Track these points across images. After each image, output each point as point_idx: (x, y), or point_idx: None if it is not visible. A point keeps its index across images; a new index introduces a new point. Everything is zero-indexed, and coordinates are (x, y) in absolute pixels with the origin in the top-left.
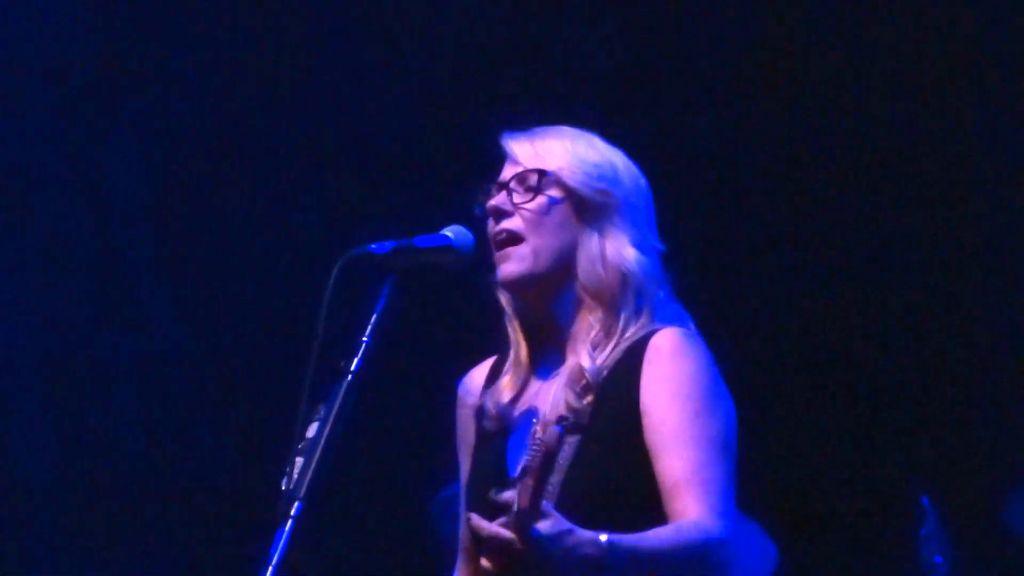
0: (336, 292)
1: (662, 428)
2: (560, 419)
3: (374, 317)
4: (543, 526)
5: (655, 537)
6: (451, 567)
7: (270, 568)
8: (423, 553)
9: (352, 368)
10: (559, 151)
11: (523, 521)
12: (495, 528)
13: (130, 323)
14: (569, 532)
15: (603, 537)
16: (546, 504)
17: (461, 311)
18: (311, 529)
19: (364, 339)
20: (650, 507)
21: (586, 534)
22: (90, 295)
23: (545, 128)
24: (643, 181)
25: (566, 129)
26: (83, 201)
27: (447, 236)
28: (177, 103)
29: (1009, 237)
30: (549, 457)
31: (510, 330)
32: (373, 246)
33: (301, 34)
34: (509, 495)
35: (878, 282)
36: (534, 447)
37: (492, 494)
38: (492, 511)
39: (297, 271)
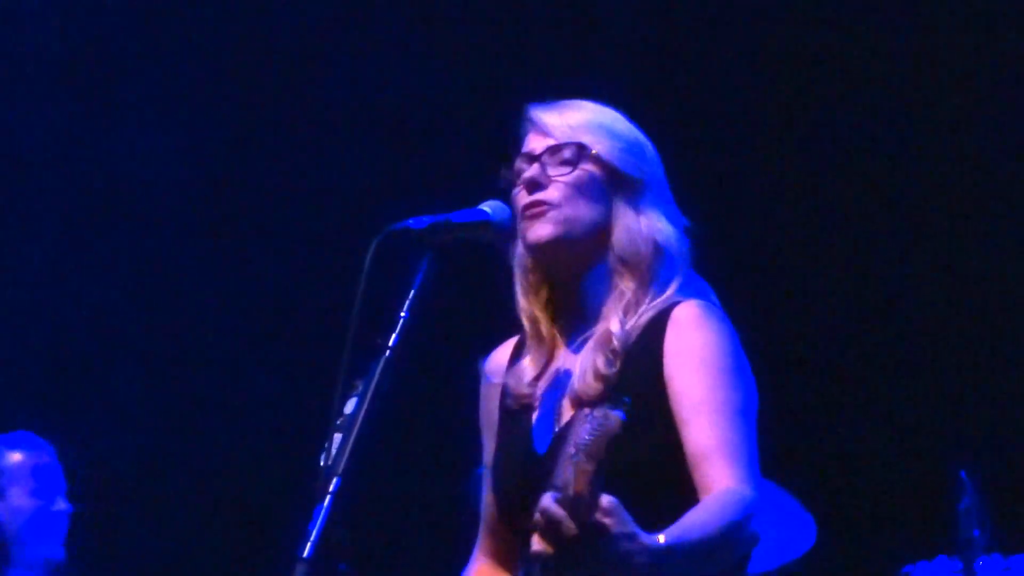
0: (374, 268)
1: (685, 398)
2: (619, 401)
3: (412, 292)
4: (610, 522)
5: (702, 525)
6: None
7: (309, 544)
8: (460, 528)
9: (390, 344)
10: (593, 126)
11: (579, 507)
12: (550, 504)
13: (168, 301)
14: (632, 536)
15: (661, 539)
16: (613, 500)
17: (499, 286)
18: (349, 504)
19: (402, 315)
20: (681, 475)
21: (645, 538)
22: (124, 272)
23: (570, 101)
24: (659, 159)
25: (592, 104)
26: (118, 175)
27: (485, 211)
28: (212, 79)
29: None
30: (610, 442)
31: (525, 305)
32: (411, 221)
33: (337, 7)
34: (563, 477)
35: (915, 251)
36: (595, 431)
37: (551, 483)
38: (519, 490)
39: (335, 247)
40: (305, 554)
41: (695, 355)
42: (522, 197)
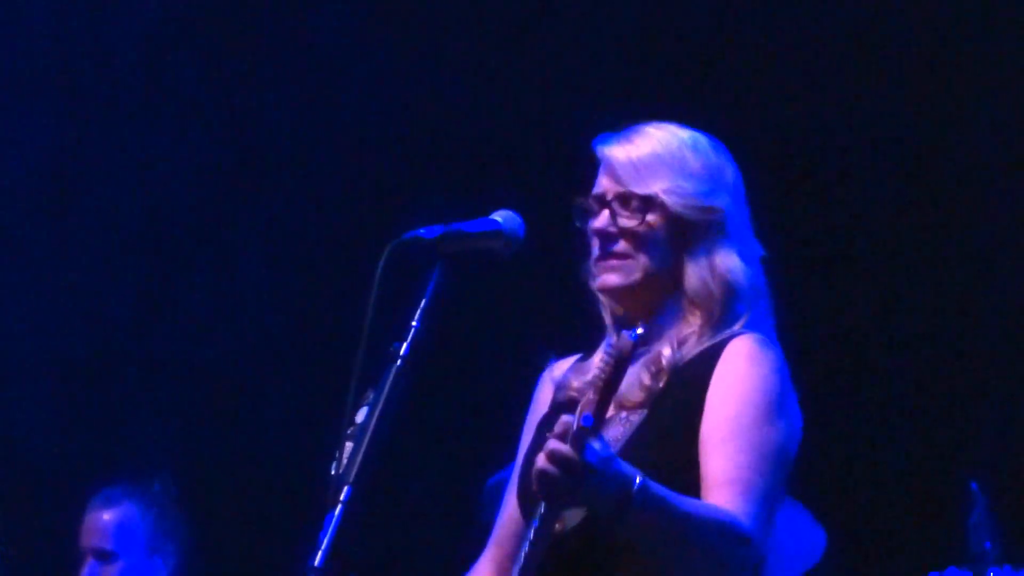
0: (385, 277)
1: (718, 427)
2: (636, 325)
3: (424, 302)
4: (596, 445)
5: (689, 501)
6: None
7: (320, 553)
8: (471, 538)
9: (402, 353)
10: (662, 164)
11: (582, 437)
12: (555, 443)
13: (178, 308)
14: (612, 459)
15: (638, 478)
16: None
17: (511, 297)
18: (361, 514)
19: (414, 324)
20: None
21: (625, 468)
22: (137, 289)
23: (638, 129)
24: (738, 175)
25: (662, 132)
26: (133, 191)
27: (496, 221)
28: (228, 95)
29: None
30: (620, 364)
31: (605, 317)
32: (422, 231)
33: (350, 21)
34: (568, 418)
35: (925, 265)
36: (608, 353)
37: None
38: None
39: (346, 256)
40: (316, 563)
41: (738, 389)
42: (594, 244)
